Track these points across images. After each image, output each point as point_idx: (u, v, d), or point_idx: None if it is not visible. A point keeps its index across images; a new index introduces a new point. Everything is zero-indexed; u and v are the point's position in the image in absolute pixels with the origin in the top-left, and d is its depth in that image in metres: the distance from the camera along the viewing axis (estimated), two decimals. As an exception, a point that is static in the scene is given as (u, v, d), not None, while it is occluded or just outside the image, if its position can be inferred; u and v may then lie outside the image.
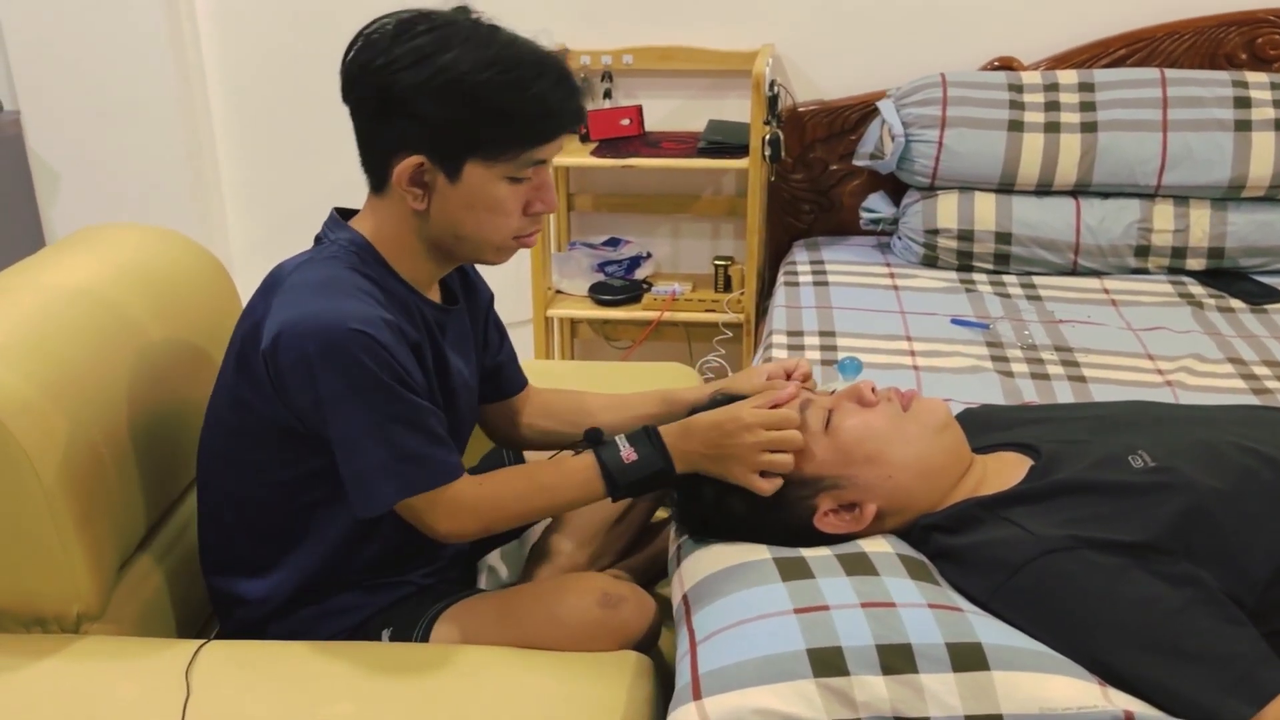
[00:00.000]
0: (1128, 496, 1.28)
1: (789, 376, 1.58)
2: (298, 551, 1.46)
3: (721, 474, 1.38)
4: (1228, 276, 2.60)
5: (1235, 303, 2.46)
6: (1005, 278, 2.64)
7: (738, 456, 1.35)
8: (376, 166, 1.38)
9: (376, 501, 1.34)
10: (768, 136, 2.70)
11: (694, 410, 1.46)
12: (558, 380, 1.81)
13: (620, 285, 3.01)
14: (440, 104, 1.29)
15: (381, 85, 1.30)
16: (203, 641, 1.39)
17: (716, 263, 3.02)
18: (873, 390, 1.42)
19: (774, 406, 1.38)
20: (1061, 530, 1.25)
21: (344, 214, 1.46)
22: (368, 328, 1.29)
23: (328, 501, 1.43)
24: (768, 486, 1.36)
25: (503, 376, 1.70)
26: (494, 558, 1.78)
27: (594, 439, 1.45)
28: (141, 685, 1.34)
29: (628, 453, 1.39)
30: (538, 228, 1.43)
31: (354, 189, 1.43)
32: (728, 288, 3.02)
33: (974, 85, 2.74)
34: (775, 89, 2.76)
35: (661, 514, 1.87)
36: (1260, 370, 2.11)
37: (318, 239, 1.46)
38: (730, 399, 1.46)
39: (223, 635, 1.54)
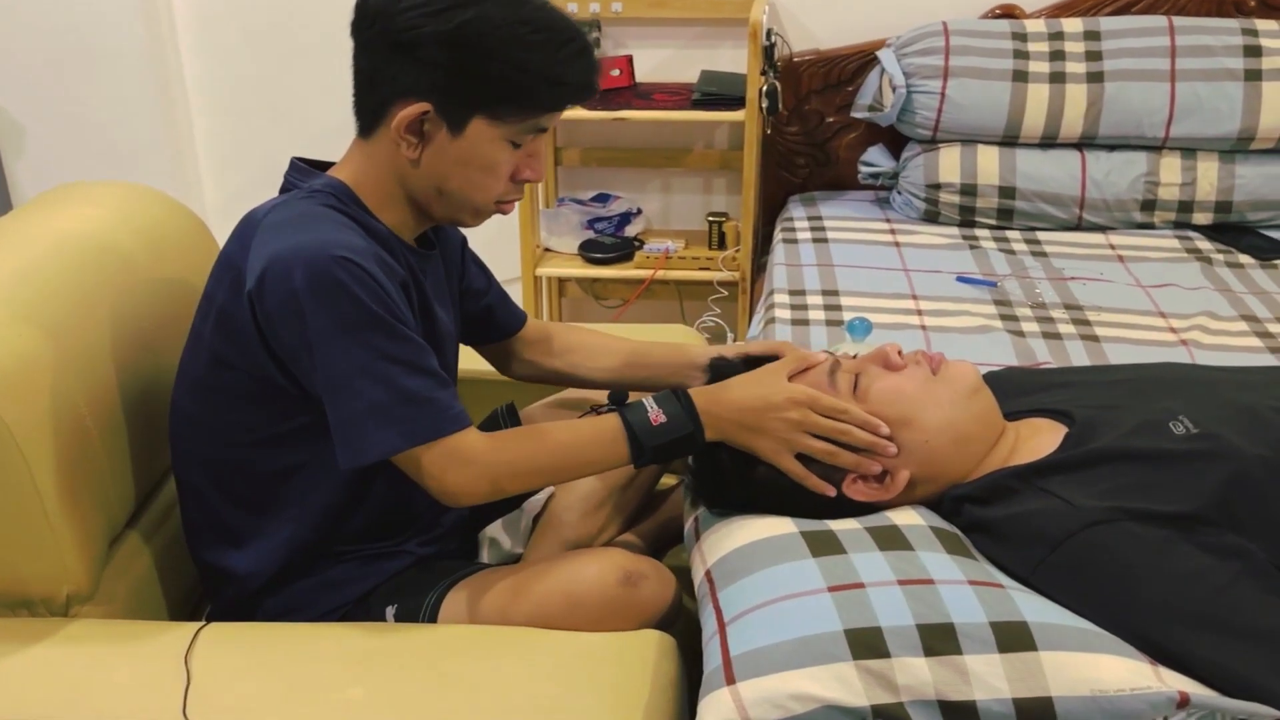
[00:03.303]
0: (1170, 465, 1.23)
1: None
2: (282, 520, 1.39)
3: (750, 447, 1.32)
4: (1234, 231, 2.55)
5: (1244, 258, 2.41)
6: (1009, 233, 2.58)
7: (774, 432, 1.30)
8: (372, 108, 1.32)
9: (372, 449, 1.24)
10: (765, 88, 2.62)
11: (720, 371, 1.40)
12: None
13: (611, 243, 2.92)
14: (462, 53, 1.24)
15: (402, 27, 1.24)
16: (201, 624, 1.32)
17: (710, 219, 2.94)
18: (899, 353, 1.36)
19: (805, 369, 1.34)
20: (1102, 501, 1.20)
21: (309, 165, 1.40)
22: (355, 255, 1.23)
23: (310, 464, 1.36)
24: (799, 470, 1.31)
25: (498, 316, 1.66)
26: (495, 529, 1.71)
27: (618, 400, 1.37)
28: (138, 671, 1.27)
29: (655, 414, 1.31)
30: (520, 196, 1.39)
31: (332, 139, 1.36)
32: (722, 245, 2.94)
33: (977, 34, 2.66)
34: (773, 38, 2.68)
35: (669, 480, 1.81)
36: (1275, 328, 2.06)
37: (284, 189, 1.39)
38: (760, 361, 1.40)
39: (215, 613, 1.47)
